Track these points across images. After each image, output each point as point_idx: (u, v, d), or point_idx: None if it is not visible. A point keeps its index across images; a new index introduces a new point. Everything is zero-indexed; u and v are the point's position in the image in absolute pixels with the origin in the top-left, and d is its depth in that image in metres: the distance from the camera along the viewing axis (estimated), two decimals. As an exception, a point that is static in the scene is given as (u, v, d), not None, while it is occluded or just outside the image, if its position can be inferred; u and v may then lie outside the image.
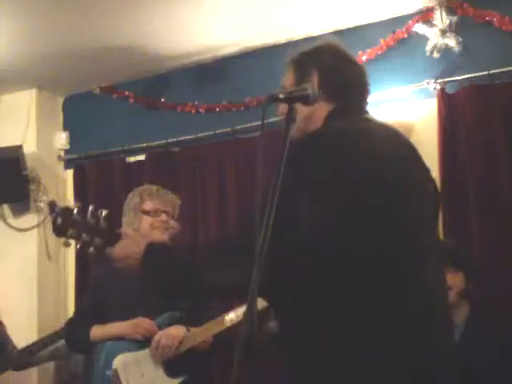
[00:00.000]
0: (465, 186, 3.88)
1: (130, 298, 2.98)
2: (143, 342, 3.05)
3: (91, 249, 1.83)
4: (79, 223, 1.83)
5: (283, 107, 1.90)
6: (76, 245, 1.85)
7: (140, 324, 3.04)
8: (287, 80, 2.02)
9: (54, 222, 1.83)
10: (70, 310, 4.87)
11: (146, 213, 3.19)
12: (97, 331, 3.12)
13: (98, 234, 1.84)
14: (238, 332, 1.49)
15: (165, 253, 1.85)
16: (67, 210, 1.83)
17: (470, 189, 3.85)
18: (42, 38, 4.40)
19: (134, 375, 3.01)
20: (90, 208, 1.85)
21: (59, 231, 1.83)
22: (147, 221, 3.18)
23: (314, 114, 1.93)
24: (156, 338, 3.00)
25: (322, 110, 1.92)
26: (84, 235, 1.82)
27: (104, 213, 1.86)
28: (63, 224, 1.82)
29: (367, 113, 2.01)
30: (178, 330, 3.04)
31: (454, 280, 3.10)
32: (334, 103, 1.93)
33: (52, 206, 1.88)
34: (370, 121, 1.96)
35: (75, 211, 1.83)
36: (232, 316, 3.03)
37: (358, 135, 1.81)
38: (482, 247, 3.71)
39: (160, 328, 3.04)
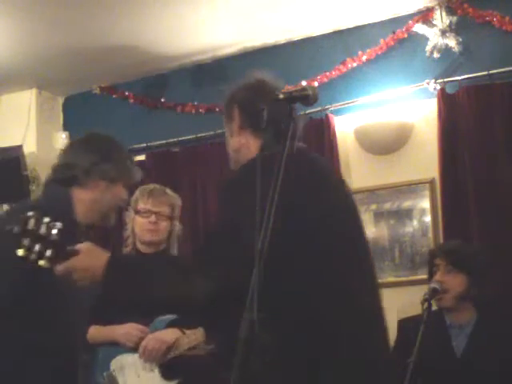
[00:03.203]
0: (465, 186, 3.88)
1: None
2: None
3: (42, 261, 1.77)
4: (34, 233, 1.77)
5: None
6: (25, 255, 1.77)
7: (131, 332, 2.99)
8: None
9: (9, 232, 1.77)
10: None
11: (138, 213, 3.16)
12: (94, 333, 3.11)
13: (50, 245, 1.77)
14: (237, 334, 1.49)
15: (126, 267, 1.84)
16: (23, 220, 1.78)
17: (470, 189, 3.85)
18: (42, 39, 4.40)
19: (131, 377, 3.00)
20: (46, 220, 1.79)
21: (16, 241, 1.76)
22: (138, 221, 3.16)
23: (244, 147, 2.00)
24: (144, 342, 2.97)
25: (250, 142, 1.98)
26: (37, 246, 1.76)
27: (58, 225, 1.80)
28: (20, 234, 1.76)
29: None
30: (168, 334, 3.01)
31: (453, 282, 3.04)
32: (261, 136, 1.95)
33: (9, 214, 1.81)
34: (304, 149, 2.01)
35: (31, 221, 1.78)
36: None
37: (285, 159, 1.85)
38: (482, 248, 3.70)
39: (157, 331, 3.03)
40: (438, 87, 4.04)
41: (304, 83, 4.16)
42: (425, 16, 4.14)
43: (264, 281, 1.58)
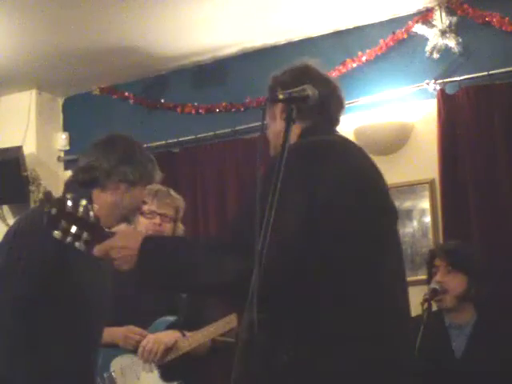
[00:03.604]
0: (465, 186, 3.88)
1: (126, 301, 2.95)
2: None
3: (78, 243, 1.77)
4: (71, 215, 1.76)
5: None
6: (59, 236, 1.77)
7: (130, 336, 3.00)
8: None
9: (47, 213, 1.76)
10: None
11: (142, 214, 3.17)
12: None
13: (87, 228, 1.78)
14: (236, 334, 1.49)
15: (162, 246, 1.82)
16: (61, 201, 1.77)
17: (470, 189, 3.85)
18: (42, 39, 4.40)
19: (130, 378, 3.00)
20: (83, 202, 1.79)
21: (51, 222, 1.76)
22: (142, 222, 3.16)
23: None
24: (143, 342, 2.97)
25: (293, 128, 1.95)
26: (74, 228, 1.76)
27: (96, 208, 1.82)
28: (57, 216, 1.75)
29: (336, 131, 2.04)
30: (167, 335, 3.00)
31: (452, 282, 3.04)
32: (303, 121, 1.94)
33: (47, 196, 1.76)
34: (343, 137, 2.01)
35: (69, 203, 1.77)
36: (227, 319, 3.01)
37: (336, 145, 1.90)
38: (482, 247, 3.71)
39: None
40: (438, 88, 4.04)
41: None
42: (424, 16, 4.14)
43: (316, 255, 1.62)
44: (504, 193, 3.78)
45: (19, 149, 4.99)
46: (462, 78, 4.00)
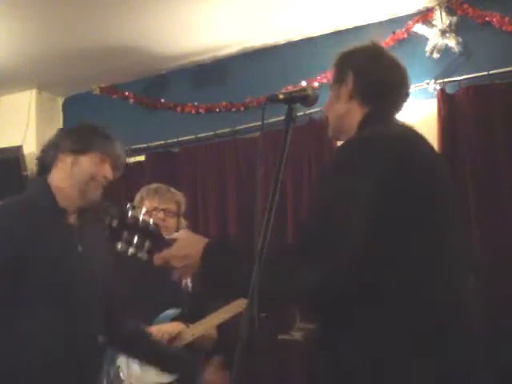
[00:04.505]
0: (465, 186, 3.88)
1: (130, 294, 2.97)
2: None
3: (141, 254, 1.74)
4: (133, 226, 1.74)
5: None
6: (122, 248, 1.74)
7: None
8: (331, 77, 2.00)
9: (109, 226, 1.73)
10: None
11: (145, 212, 3.17)
12: None
13: (148, 237, 1.75)
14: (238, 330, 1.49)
15: (225, 252, 1.76)
16: (122, 212, 1.74)
17: (470, 189, 3.85)
18: (42, 39, 4.41)
19: (135, 371, 3.03)
20: (143, 210, 1.78)
21: (114, 235, 1.74)
22: None
23: (349, 114, 1.93)
24: None
25: (356, 111, 1.92)
26: (136, 238, 1.74)
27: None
28: (119, 227, 1.73)
29: (399, 120, 2.00)
30: (172, 326, 3.02)
31: None
32: (368, 106, 1.92)
33: (106, 207, 1.75)
34: (405, 126, 1.98)
35: (130, 213, 1.75)
36: (227, 309, 3.01)
37: (407, 140, 1.88)
38: (482, 247, 3.71)
39: None
40: (438, 87, 4.05)
41: (304, 83, 4.17)
42: (425, 16, 4.15)
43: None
44: (504, 193, 3.78)
45: (19, 148, 4.99)
46: (462, 77, 4.00)
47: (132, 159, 5.08)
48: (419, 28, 4.14)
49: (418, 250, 1.69)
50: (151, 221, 1.78)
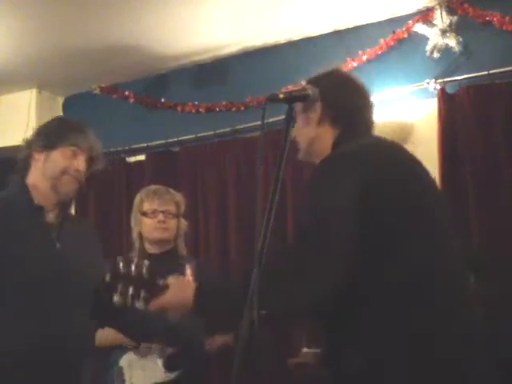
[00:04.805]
0: (465, 186, 3.88)
1: None
2: None
3: (138, 303, 1.79)
4: (126, 277, 1.79)
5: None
6: (119, 301, 1.79)
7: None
8: (297, 106, 2.02)
9: (102, 281, 1.78)
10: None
11: (145, 214, 3.18)
12: (100, 337, 3.14)
13: (143, 286, 1.80)
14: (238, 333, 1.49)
15: (216, 295, 1.85)
16: (115, 265, 1.79)
17: (470, 189, 3.85)
18: (42, 39, 4.40)
19: (136, 371, 3.05)
20: (134, 259, 1.83)
21: (108, 289, 1.77)
22: (146, 222, 3.17)
23: (320, 137, 1.97)
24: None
25: (327, 133, 1.95)
26: (131, 289, 1.78)
27: (146, 263, 1.83)
28: (112, 281, 1.77)
29: (372, 135, 2.04)
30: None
31: None
32: (339, 128, 1.96)
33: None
34: (380, 138, 2.01)
35: (121, 265, 1.79)
36: None
37: (379, 150, 1.91)
38: (482, 247, 3.71)
39: None
40: (438, 87, 4.04)
41: (304, 83, 4.17)
42: (425, 16, 4.14)
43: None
44: (504, 192, 3.78)
45: (19, 148, 4.98)
46: (462, 77, 4.00)
47: (132, 159, 5.09)
48: (419, 28, 4.14)
49: (415, 251, 1.72)
50: (144, 269, 1.81)
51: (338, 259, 1.65)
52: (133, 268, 1.79)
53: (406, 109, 4.18)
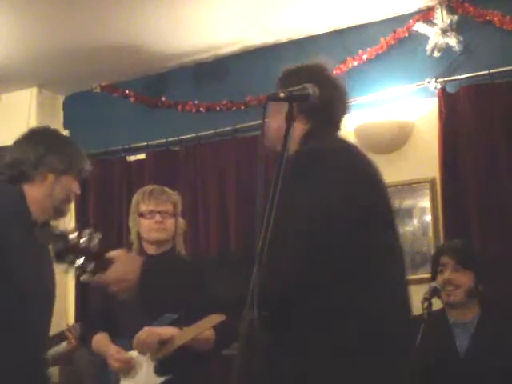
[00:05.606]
0: (465, 186, 3.88)
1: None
2: None
3: (85, 276, 1.79)
4: (75, 247, 1.79)
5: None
6: (66, 271, 1.82)
7: (114, 358, 3.01)
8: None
9: (53, 248, 1.80)
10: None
11: (142, 215, 3.18)
12: (94, 344, 3.16)
13: (92, 258, 1.80)
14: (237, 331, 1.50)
15: (161, 271, 1.86)
16: (65, 235, 1.80)
17: (471, 188, 3.85)
18: (43, 38, 4.40)
19: (130, 373, 3.04)
20: (87, 231, 1.82)
21: (58, 257, 1.79)
22: (144, 223, 3.17)
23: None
24: (139, 334, 2.99)
25: (296, 127, 1.91)
26: (80, 260, 1.78)
27: (98, 236, 1.82)
28: (63, 249, 1.78)
29: (338, 133, 2.06)
30: (164, 329, 3.02)
31: (463, 279, 3.09)
32: (308, 122, 1.98)
33: (50, 232, 1.80)
34: (346, 141, 2.05)
35: (72, 235, 1.79)
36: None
37: (350, 153, 1.96)
38: (483, 247, 3.71)
39: None
40: (439, 86, 4.04)
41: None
42: (425, 15, 4.14)
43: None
44: (504, 191, 3.78)
45: (20, 147, 4.98)
46: (462, 76, 4.00)
47: (132, 158, 5.08)
48: (420, 27, 4.13)
49: (360, 260, 1.79)
50: (95, 241, 1.81)
51: (295, 258, 1.69)
52: (84, 240, 1.80)
53: (407, 108, 4.18)
